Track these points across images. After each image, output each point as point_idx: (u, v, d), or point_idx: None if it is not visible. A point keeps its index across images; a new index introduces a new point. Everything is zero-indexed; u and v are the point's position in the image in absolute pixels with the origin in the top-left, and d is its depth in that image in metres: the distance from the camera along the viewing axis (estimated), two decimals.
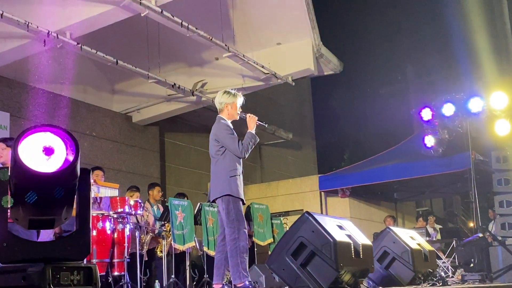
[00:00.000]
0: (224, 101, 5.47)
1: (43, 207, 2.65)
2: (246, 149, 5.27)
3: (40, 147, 2.63)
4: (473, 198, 9.30)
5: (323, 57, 11.49)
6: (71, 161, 2.63)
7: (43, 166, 2.59)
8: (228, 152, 5.29)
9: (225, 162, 5.29)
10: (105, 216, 7.20)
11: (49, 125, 2.67)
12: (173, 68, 11.49)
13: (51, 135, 2.66)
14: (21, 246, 2.56)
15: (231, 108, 5.44)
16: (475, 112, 9.52)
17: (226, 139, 5.29)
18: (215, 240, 8.72)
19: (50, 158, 2.63)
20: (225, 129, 5.34)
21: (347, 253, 4.66)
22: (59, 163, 2.64)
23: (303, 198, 13.63)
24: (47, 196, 2.60)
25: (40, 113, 10.25)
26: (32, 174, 2.52)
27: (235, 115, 5.47)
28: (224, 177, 5.24)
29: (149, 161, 12.61)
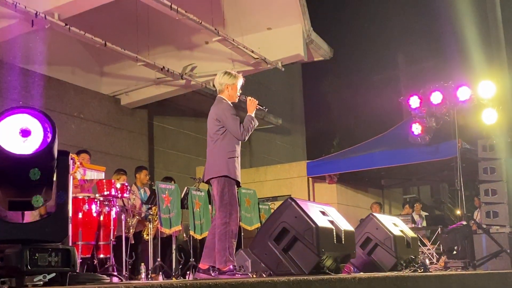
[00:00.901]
0: (225, 82, 5.41)
1: (22, 189, 2.65)
2: (247, 131, 5.22)
3: (17, 129, 2.62)
4: (459, 186, 9.35)
5: (313, 43, 11.46)
6: (48, 142, 2.62)
7: (20, 148, 2.58)
8: (228, 133, 5.22)
9: (224, 143, 5.22)
10: (91, 199, 7.21)
11: (27, 107, 2.66)
12: (162, 51, 11.42)
13: (29, 116, 2.66)
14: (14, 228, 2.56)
15: (231, 89, 5.38)
16: (462, 100, 9.56)
17: (229, 120, 5.21)
18: (201, 224, 8.78)
19: (27, 140, 2.62)
20: (229, 109, 5.27)
21: (329, 239, 4.70)
22: (36, 145, 2.63)
23: (291, 184, 13.66)
24: (25, 178, 2.60)
25: (28, 94, 10.20)
26: (9, 156, 2.51)
27: (235, 97, 5.41)
28: (223, 158, 5.17)
29: (137, 144, 12.59)
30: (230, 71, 5.56)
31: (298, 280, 3.40)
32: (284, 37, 11.15)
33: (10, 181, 2.61)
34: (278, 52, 11.32)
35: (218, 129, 5.27)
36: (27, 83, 10.29)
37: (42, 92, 10.50)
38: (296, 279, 3.40)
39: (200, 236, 8.79)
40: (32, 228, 2.62)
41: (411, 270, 5.89)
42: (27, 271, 2.39)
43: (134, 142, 12.51)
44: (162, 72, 10.88)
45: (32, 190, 2.71)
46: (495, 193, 9.04)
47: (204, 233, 8.80)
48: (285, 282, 3.27)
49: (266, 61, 11.04)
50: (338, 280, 3.78)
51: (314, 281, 3.51)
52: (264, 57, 10.93)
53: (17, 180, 2.58)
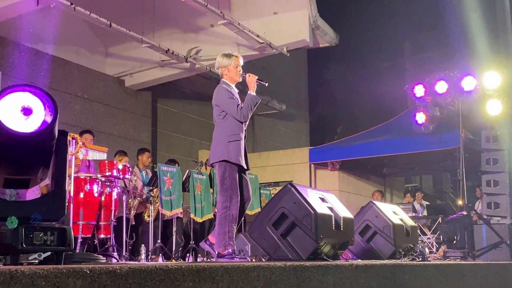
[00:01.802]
0: (221, 65, 5.32)
1: (19, 167, 2.66)
2: (246, 112, 5.11)
3: (18, 106, 2.62)
4: (461, 176, 9.33)
5: (319, 29, 11.40)
6: (49, 122, 2.62)
7: (21, 126, 2.58)
8: (228, 117, 5.14)
9: (225, 126, 5.15)
10: (93, 179, 7.23)
11: (29, 85, 2.66)
12: (168, 34, 11.39)
13: (30, 95, 2.65)
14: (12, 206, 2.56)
15: (229, 71, 5.27)
16: (467, 90, 9.51)
17: (225, 103, 5.15)
18: (202, 207, 8.80)
19: (28, 118, 2.62)
20: (224, 93, 5.19)
21: (327, 225, 4.70)
22: (37, 124, 2.63)
23: (293, 170, 13.68)
24: (24, 156, 2.60)
25: (32, 73, 10.20)
26: (10, 134, 2.51)
27: (236, 77, 5.29)
28: (223, 142, 5.11)
29: (140, 126, 12.59)
30: (226, 52, 5.42)
31: (295, 265, 3.41)
32: (290, 22, 11.09)
33: (8, 158, 2.61)
34: (283, 37, 11.26)
35: (219, 113, 5.22)
36: (32, 62, 10.28)
37: (47, 71, 10.49)
38: (293, 264, 3.41)
39: (201, 219, 8.81)
40: (29, 206, 2.63)
41: (409, 258, 5.90)
42: (22, 249, 2.40)
43: (138, 124, 12.52)
44: (167, 54, 10.85)
45: (30, 169, 2.72)
46: (497, 184, 9.03)
47: (205, 216, 8.83)
48: (281, 267, 3.28)
49: (271, 46, 11.00)
50: (335, 266, 3.78)
51: (310, 266, 3.52)
52: (270, 42, 10.88)
53: (15, 158, 2.58)
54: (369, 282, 4.09)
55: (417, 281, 4.79)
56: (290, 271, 3.32)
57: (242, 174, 5.22)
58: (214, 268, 2.76)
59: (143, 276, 2.34)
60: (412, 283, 4.70)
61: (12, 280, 1.87)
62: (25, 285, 1.90)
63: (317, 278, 3.54)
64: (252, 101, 5.19)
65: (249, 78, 5.28)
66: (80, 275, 2.07)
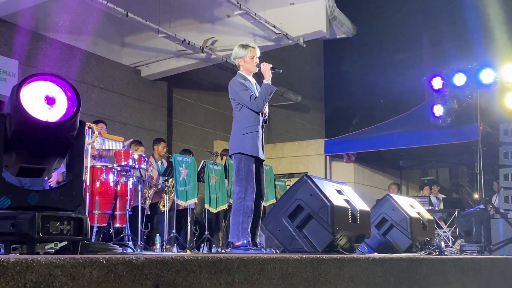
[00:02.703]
0: (236, 56, 5.33)
1: (38, 156, 2.65)
2: (260, 101, 5.10)
3: (41, 95, 2.60)
4: (478, 170, 9.23)
5: (336, 20, 11.29)
6: (73, 112, 2.61)
7: (45, 115, 2.57)
8: (244, 108, 5.15)
9: (241, 118, 5.16)
10: (109, 169, 7.26)
11: (51, 74, 2.64)
12: (184, 24, 11.36)
13: (52, 84, 2.64)
14: (15, 193, 2.55)
15: (245, 62, 5.26)
16: (486, 83, 9.39)
17: (238, 95, 5.16)
18: (217, 198, 8.80)
19: (52, 107, 2.61)
20: (236, 85, 5.20)
21: (344, 218, 4.66)
22: (60, 114, 2.62)
23: (308, 161, 13.64)
24: (44, 146, 2.59)
25: (49, 62, 10.23)
26: (33, 122, 2.50)
27: (252, 68, 5.28)
28: (238, 134, 5.14)
29: (156, 116, 12.61)
30: (243, 43, 5.42)
31: (311, 258, 3.38)
32: (306, 12, 11.00)
33: (29, 147, 2.60)
34: (300, 28, 11.17)
35: (235, 105, 5.24)
36: (49, 51, 10.31)
37: (63, 60, 10.53)
38: (309, 257, 3.38)
39: (215, 210, 8.82)
40: (46, 195, 2.62)
41: (426, 252, 5.85)
42: (38, 239, 2.39)
43: (153, 114, 12.53)
44: (183, 44, 10.83)
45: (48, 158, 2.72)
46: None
47: (220, 206, 8.84)
48: (298, 260, 3.25)
49: (287, 37, 10.92)
50: (351, 259, 3.75)
51: (327, 259, 3.49)
52: (286, 32, 10.81)
53: (36, 146, 2.57)
54: (386, 275, 4.05)
55: (434, 275, 4.74)
56: (306, 263, 3.29)
57: (260, 167, 5.23)
58: (230, 259, 2.74)
59: (159, 267, 2.32)
60: (429, 277, 4.65)
61: (29, 270, 1.86)
62: (41, 274, 1.89)
63: (333, 271, 3.51)
64: (267, 90, 5.18)
65: (263, 67, 5.25)
66: (96, 265, 2.06)
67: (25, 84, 2.57)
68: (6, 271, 1.79)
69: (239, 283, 2.76)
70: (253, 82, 5.37)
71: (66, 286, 1.95)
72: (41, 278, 1.88)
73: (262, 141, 5.25)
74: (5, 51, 9.56)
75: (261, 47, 11.19)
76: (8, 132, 2.56)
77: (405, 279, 4.30)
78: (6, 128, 2.56)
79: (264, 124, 5.32)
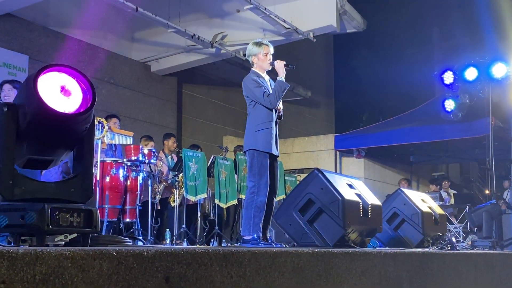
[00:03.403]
0: (250, 54, 5.36)
1: (50, 148, 2.63)
2: (273, 98, 5.14)
3: (57, 86, 2.57)
4: (490, 165, 9.15)
5: (347, 14, 11.23)
6: (90, 103, 2.59)
7: (62, 107, 2.54)
8: (258, 105, 5.19)
9: (255, 115, 5.21)
10: (119, 163, 7.24)
11: (66, 66, 2.62)
12: (194, 19, 11.33)
13: (67, 76, 2.62)
14: (26, 185, 2.54)
15: (258, 59, 5.31)
16: (498, 77, 9.30)
17: (252, 92, 5.20)
18: (227, 193, 8.78)
19: (69, 99, 2.58)
20: (250, 82, 5.24)
21: (355, 212, 4.63)
22: (76, 105, 2.60)
23: (318, 157, 13.59)
24: (60, 137, 2.57)
25: (59, 57, 10.24)
26: (53, 114, 2.47)
27: (265, 65, 5.32)
28: (251, 131, 5.19)
29: (165, 111, 12.60)
30: (256, 40, 5.47)
31: (323, 252, 3.35)
32: (317, 7, 10.94)
33: (43, 138, 2.58)
34: (310, 22, 11.11)
35: (249, 102, 5.29)
36: (59, 46, 10.33)
37: (73, 55, 10.54)
38: (321, 250, 3.35)
39: (225, 205, 8.80)
40: (56, 188, 2.60)
41: (438, 247, 5.80)
42: (48, 231, 2.37)
43: (163, 109, 12.53)
44: (193, 39, 10.81)
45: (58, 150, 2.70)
46: None
47: (229, 202, 8.82)
48: (309, 254, 3.22)
49: (297, 32, 10.87)
50: (363, 253, 3.72)
51: (338, 253, 3.46)
52: (296, 27, 10.76)
53: (50, 138, 2.55)
54: (398, 270, 4.02)
55: (446, 270, 4.70)
56: (318, 257, 3.26)
57: (274, 162, 5.27)
58: (242, 253, 2.71)
59: (170, 260, 2.30)
60: (441, 272, 4.61)
61: (38, 261, 1.84)
62: (51, 266, 1.87)
63: (345, 265, 3.47)
64: (280, 87, 5.21)
65: (277, 64, 5.29)
66: (106, 257, 2.04)
67: (41, 74, 2.54)
68: (15, 262, 1.78)
69: (250, 276, 2.73)
70: (267, 79, 5.40)
71: (76, 278, 1.93)
72: (51, 270, 1.86)
73: (276, 137, 5.31)
74: (16, 46, 9.58)
75: (271, 42, 11.20)
76: (22, 123, 2.53)
77: (417, 274, 4.26)
78: (18, 119, 2.53)
79: (278, 121, 5.37)
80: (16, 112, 2.51)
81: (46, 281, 1.84)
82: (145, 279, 2.17)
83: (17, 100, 2.59)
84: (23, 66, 9.60)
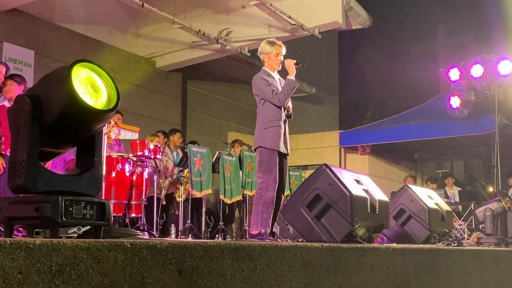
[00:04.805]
0: (262, 52, 5.42)
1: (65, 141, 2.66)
2: (282, 96, 5.18)
3: (85, 82, 2.59)
4: (495, 163, 9.14)
5: (352, 10, 11.19)
6: (116, 101, 2.62)
7: (91, 102, 2.56)
8: (267, 103, 5.25)
9: (263, 112, 5.27)
10: (125, 158, 7.26)
11: (92, 62, 2.64)
12: (199, 14, 11.32)
13: (92, 73, 2.63)
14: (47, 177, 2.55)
15: (269, 58, 5.36)
16: (504, 74, 9.29)
17: (261, 90, 5.26)
18: (231, 188, 8.80)
19: (96, 95, 2.60)
20: (259, 81, 5.30)
21: (362, 208, 4.62)
22: (103, 102, 2.63)
23: (323, 153, 13.59)
24: (81, 132, 2.60)
25: (65, 52, 10.26)
26: (86, 108, 2.50)
27: (275, 65, 5.38)
28: (260, 129, 5.25)
29: (170, 107, 12.60)
30: (270, 39, 5.52)
31: (332, 246, 3.36)
32: (322, 3, 10.91)
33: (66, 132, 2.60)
34: (315, 18, 11.08)
35: (259, 100, 5.35)
36: (65, 42, 10.34)
37: (79, 51, 10.55)
38: (330, 245, 3.36)
39: (230, 201, 8.81)
40: (69, 181, 2.61)
41: (444, 243, 5.80)
42: (61, 223, 2.38)
43: (168, 105, 12.53)
44: (198, 35, 10.81)
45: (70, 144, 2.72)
46: None
47: (234, 197, 8.83)
48: (319, 248, 3.23)
49: (303, 28, 10.85)
50: (371, 249, 3.73)
51: (347, 248, 3.47)
52: (301, 23, 10.73)
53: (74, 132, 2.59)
54: (406, 265, 4.03)
55: (453, 266, 4.71)
56: (327, 252, 3.27)
57: (283, 159, 5.32)
58: (253, 246, 2.72)
59: (183, 252, 2.31)
60: (448, 268, 4.62)
61: (54, 252, 1.85)
62: (66, 257, 1.88)
63: (354, 260, 3.48)
64: (289, 86, 5.26)
65: (287, 63, 5.36)
66: (121, 248, 2.05)
67: (73, 68, 2.54)
68: (32, 253, 1.79)
69: (261, 269, 2.74)
70: (277, 78, 5.44)
71: (91, 269, 1.94)
72: (67, 261, 1.87)
73: (286, 135, 5.36)
74: (22, 41, 9.59)
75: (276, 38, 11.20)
76: (47, 115, 2.54)
77: (424, 270, 4.27)
78: (42, 112, 2.54)
79: (287, 119, 5.41)
80: (40, 105, 2.53)
81: (62, 272, 1.85)
82: (159, 271, 2.19)
83: (41, 91, 2.58)
84: (29, 61, 9.61)
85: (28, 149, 2.46)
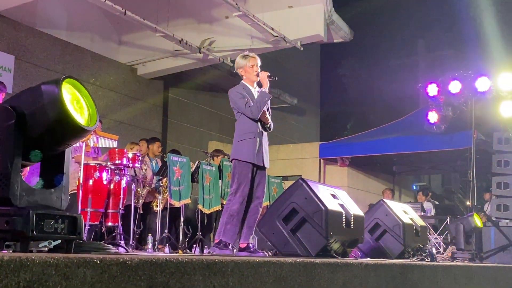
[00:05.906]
0: (238, 67, 5.49)
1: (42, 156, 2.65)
2: (255, 109, 5.21)
3: (68, 98, 2.59)
4: (471, 177, 9.24)
5: (334, 24, 11.30)
6: (96, 118, 2.63)
7: (81, 120, 2.57)
8: (242, 116, 5.30)
9: (239, 125, 5.33)
10: (103, 167, 7.23)
11: (76, 79, 2.65)
12: (182, 23, 11.34)
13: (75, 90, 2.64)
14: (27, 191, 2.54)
15: (245, 72, 5.42)
16: (481, 91, 9.41)
17: (236, 103, 5.31)
18: (210, 198, 8.78)
19: (82, 112, 2.61)
20: (234, 94, 5.35)
21: (337, 222, 4.66)
22: (85, 119, 2.63)
23: (302, 164, 13.64)
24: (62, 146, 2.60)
25: (46, 58, 10.20)
26: (75, 125, 2.51)
27: (253, 77, 5.42)
28: (235, 141, 5.30)
29: (151, 115, 12.57)
30: (243, 53, 5.57)
31: (305, 262, 3.37)
32: (305, 16, 11.00)
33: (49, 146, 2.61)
34: (298, 31, 11.17)
35: (236, 113, 5.40)
36: (46, 47, 10.29)
37: (60, 56, 10.50)
38: (303, 260, 3.37)
39: (209, 211, 8.80)
40: (41, 194, 2.60)
41: (418, 258, 5.86)
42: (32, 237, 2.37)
43: (149, 112, 12.50)
44: (180, 44, 10.82)
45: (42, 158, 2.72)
46: (507, 186, 8.96)
47: (213, 207, 8.82)
48: (292, 264, 3.24)
49: (285, 40, 10.92)
50: (344, 264, 3.75)
51: (320, 263, 3.49)
52: (284, 35, 10.81)
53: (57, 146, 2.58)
54: (379, 281, 4.05)
55: (426, 281, 4.75)
56: (300, 267, 3.29)
57: (260, 171, 5.30)
58: (225, 262, 2.73)
59: (153, 268, 2.31)
60: (421, 284, 4.66)
61: (23, 268, 1.84)
62: (35, 273, 1.87)
63: (326, 276, 3.50)
64: (262, 98, 5.31)
65: (261, 75, 5.42)
66: (90, 265, 2.05)
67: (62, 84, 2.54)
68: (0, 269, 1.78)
69: (233, 285, 2.75)
70: (255, 91, 5.45)
71: (59, 285, 1.93)
72: (35, 277, 1.87)
73: (263, 147, 5.33)
74: (2, 46, 9.51)
75: (259, 49, 11.30)
76: (31, 130, 2.53)
77: (397, 285, 4.30)
78: (27, 126, 2.53)
79: (266, 132, 5.43)
80: (25, 118, 2.52)
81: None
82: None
83: (25, 104, 2.56)
84: (9, 66, 9.54)
85: (11, 162, 2.45)
